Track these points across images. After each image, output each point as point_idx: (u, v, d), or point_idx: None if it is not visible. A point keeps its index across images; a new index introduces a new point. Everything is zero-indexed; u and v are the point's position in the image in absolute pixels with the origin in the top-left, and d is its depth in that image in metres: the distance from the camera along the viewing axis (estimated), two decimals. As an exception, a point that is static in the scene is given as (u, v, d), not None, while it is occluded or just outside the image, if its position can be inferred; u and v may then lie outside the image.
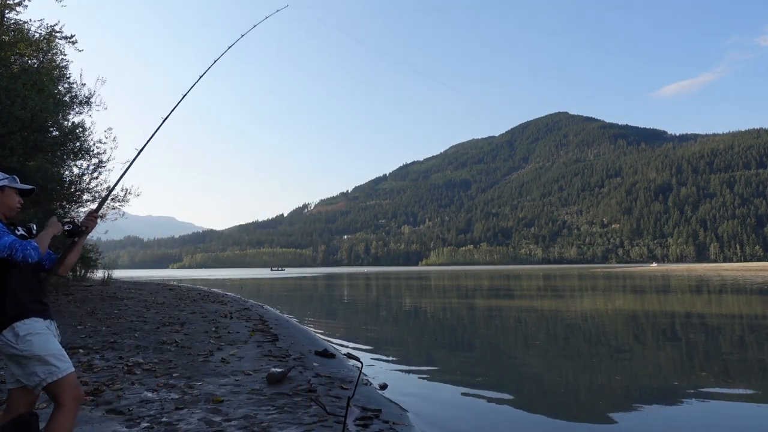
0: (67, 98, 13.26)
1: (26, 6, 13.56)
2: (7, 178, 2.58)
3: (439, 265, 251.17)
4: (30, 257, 2.34)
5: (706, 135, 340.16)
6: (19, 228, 2.60)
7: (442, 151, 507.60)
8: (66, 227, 2.66)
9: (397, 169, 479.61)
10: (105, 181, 14.16)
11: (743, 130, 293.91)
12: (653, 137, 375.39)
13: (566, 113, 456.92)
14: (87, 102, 13.63)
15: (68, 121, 13.19)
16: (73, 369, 2.43)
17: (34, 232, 2.64)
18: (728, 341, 8.55)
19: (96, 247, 19.65)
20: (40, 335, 2.38)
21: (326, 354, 6.95)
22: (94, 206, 14.41)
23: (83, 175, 13.69)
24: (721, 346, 8.15)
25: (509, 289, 26.66)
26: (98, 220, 2.80)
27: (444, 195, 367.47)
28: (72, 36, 14.66)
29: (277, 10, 5.32)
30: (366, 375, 5.81)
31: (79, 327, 8.05)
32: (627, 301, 17.48)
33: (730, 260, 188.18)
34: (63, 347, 2.51)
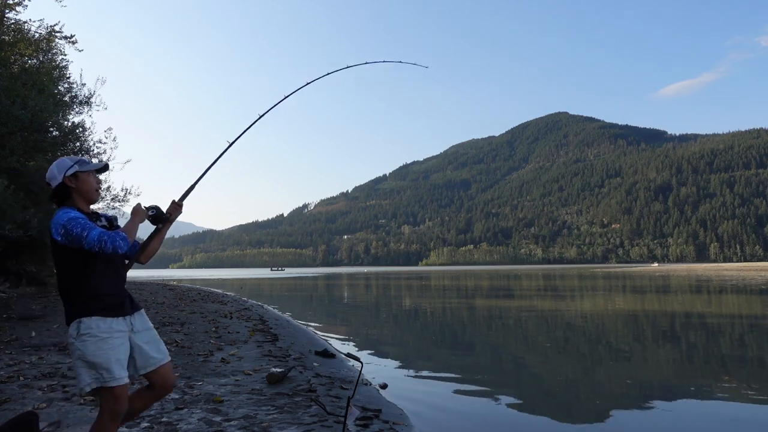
0: (67, 98, 13.26)
1: (26, 6, 13.57)
2: (77, 162, 2.44)
3: (439, 265, 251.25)
4: (120, 248, 2.30)
5: (706, 135, 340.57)
6: (102, 218, 2.55)
7: (442, 151, 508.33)
8: (150, 212, 2.61)
9: (397, 169, 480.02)
10: (105, 181, 14.16)
11: (743, 130, 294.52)
12: (653, 137, 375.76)
13: (566, 113, 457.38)
14: (87, 102, 13.64)
15: (68, 121, 13.19)
16: (120, 382, 2.31)
17: (116, 223, 2.59)
18: (728, 341, 8.55)
19: (96, 247, 19.62)
20: (98, 338, 2.30)
21: (326, 354, 6.95)
22: (94, 206, 14.43)
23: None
24: (721, 346, 8.15)
25: (509, 289, 26.66)
26: (182, 209, 2.71)
27: (444, 195, 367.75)
28: (72, 36, 14.67)
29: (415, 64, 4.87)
30: (366, 375, 5.81)
31: (79, 327, 8.05)
32: (627, 301, 17.48)
33: (730, 260, 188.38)
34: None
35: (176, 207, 2.68)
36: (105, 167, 2.59)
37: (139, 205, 2.62)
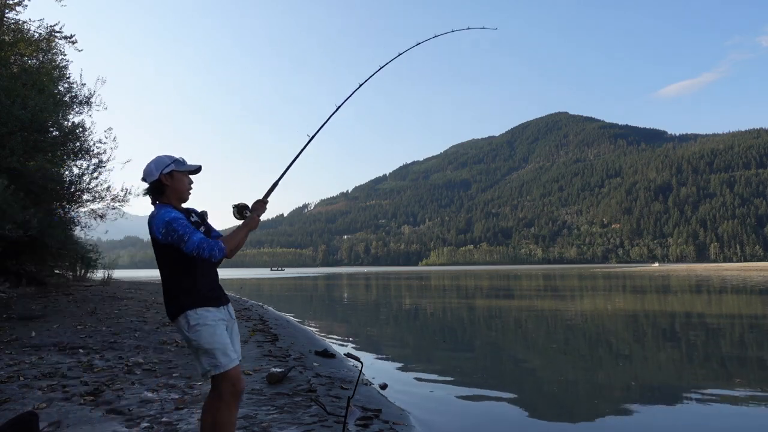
0: (67, 98, 13.25)
1: (26, 6, 13.56)
2: (174, 162, 2.55)
3: (439, 265, 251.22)
4: (215, 257, 2.40)
5: (706, 135, 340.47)
6: (193, 215, 2.63)
7: (442, 151, 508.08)
8: (245, 212, 2.70)
9: (397, 169, 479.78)
10: (105, 181, 14.14)
11: (743, 130, 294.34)
12: (653, 137, 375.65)
13: (566, 113, 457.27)
14: (87, 102, 13.63)
15: (68, 121, 13.17)
16: (236, 363, 2.47)
17: (207, 218, 2.68)
18: (728, 341, 8.55)
19: (96, 247, 19.57)
20: (209, 326, 2.43)
21: (326, 354, 6.95)
22: (94, 206, 14.40)
23: (83, 175, 13.66)
24: (721, 346, 8.15)
25: (509, 289, 26.66)
26: (266, 207, 2.80)
27: (444, 195, 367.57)
28: (72, 36, 14.66)
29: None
30: (366, 375, 5.81)
31: (79, 327, 8.05)
32: (627, 301, 17.48)
33: (730, 260, 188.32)
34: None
35: (261, 204, 2.75)
36: (198, 169, 2.67)
37: (254, 215, 2.66)
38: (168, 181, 2.52)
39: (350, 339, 9.37)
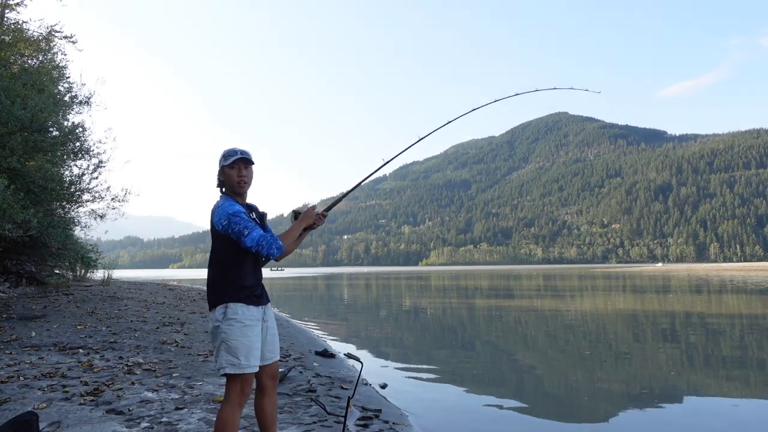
0: (67, 98, 13.25)
1: (26, 6, 13.55)
2: (224, 156, 2.55)
3: (439, 265, 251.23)
4: (273, 256, 2.46)
5: (706, 135, 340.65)
6: (254, 213, 2.63)
7: (442, 151, 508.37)
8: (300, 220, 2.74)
9: (397, 169, 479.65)
10: (105, 181, 14.16)
11: (743, 130, 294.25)
12: (653, 137, 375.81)
13: (566, 113, 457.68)
14: (87, 102, 13.62)
15: (68, 121, 13.16)
16: (255, 369, 2.45)
17: (265, 220, 2.70)
18: (728, 341, 8.54)
19: (96, 247, 19.56)
20: (243, 324, 2.43)
21: (326, 354, 6.96)
22: (94, 206, 14.39)
23: (83, 175, 13.65)
24: (721, 346, 8.14)
25: (509, 289, 26.66)
26: (324, 219, 2.86)
27: (444, 195, 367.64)
28: (72, 36, 14.65)
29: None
30: (366, 375, 5.80)
31: (79, 327, 8.05)
32: (627, 301, 17.48)
33: (730, 260, 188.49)
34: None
35: (319, 216, 2.80)
36: (235, 162, 2.53)
37: (311, 209, 2.72)
38: (221, 176, 2.57)
39: (350, 339, 9.37)
